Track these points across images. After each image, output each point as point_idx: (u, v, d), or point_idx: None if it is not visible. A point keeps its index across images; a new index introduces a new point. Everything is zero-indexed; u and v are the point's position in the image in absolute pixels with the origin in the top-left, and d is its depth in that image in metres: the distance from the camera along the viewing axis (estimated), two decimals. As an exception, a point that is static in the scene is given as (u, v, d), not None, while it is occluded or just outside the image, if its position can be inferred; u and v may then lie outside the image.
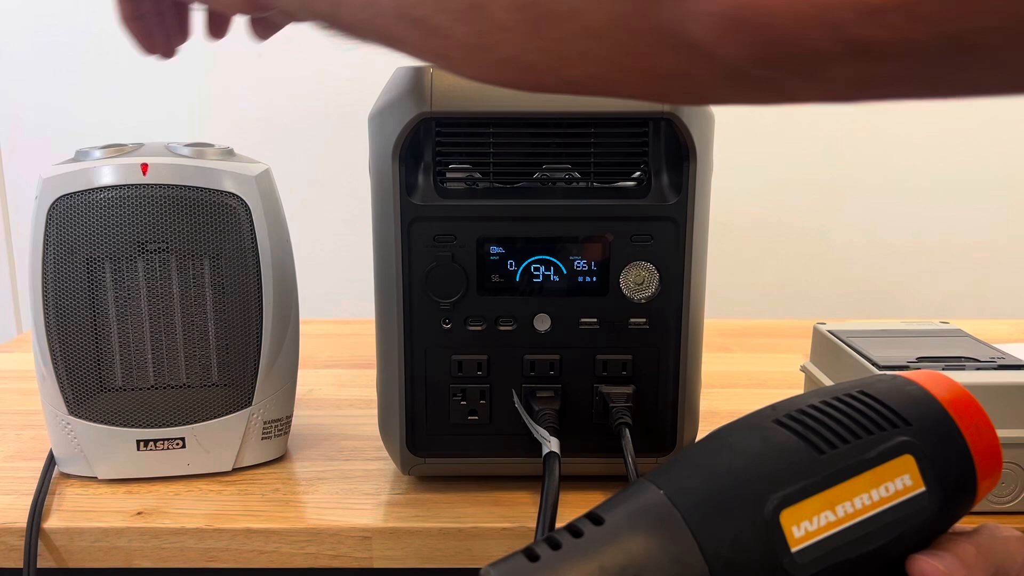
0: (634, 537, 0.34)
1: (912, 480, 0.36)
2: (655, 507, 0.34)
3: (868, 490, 0.35)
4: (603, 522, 0.34)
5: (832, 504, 0.35)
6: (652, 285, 0.61)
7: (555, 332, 0.61)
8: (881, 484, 0.35)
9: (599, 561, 0.33)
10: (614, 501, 0.36)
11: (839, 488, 0.35)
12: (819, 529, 0.34)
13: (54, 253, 0.62)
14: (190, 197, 0.63)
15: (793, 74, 0.25)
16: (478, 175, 0.61)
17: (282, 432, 0.70)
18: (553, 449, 0.58)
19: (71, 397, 0.64)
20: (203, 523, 0.60)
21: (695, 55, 0.26)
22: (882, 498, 0.35)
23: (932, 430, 0.37)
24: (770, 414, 0.38)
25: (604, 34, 0.27)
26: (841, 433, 0.36)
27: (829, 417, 0.37)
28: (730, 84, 0.27)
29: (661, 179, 0.60)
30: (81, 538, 0.60)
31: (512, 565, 0.34)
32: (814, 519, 0.34)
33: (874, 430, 0.36)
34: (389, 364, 0.62)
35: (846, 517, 0.35)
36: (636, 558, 0.33)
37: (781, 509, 0.34)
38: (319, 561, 0.60)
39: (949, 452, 0.37)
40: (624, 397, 0.61)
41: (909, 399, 0.38)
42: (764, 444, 0.36)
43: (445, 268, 0.60)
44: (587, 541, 0.34)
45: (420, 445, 0.63)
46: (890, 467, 0.36)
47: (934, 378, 0.39)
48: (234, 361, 0.66)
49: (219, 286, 0.65)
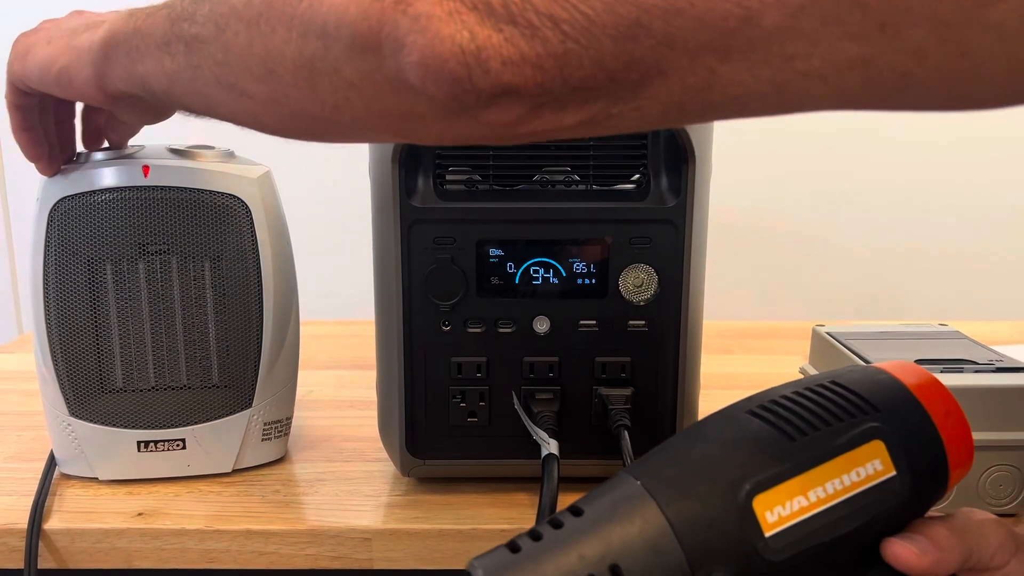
0: (612, 526, 0.35)
1: (883, 465, 0.37)
2: (632, 496, 0.35)
3: (839, 475, 0.36)
4: (582, 513, 0.36)
5: (804, 489, 0.36)
6: (651, 287, 0.61)
7: (554, 334, 0.62)
8: (852, 469, 0.36)
9: (579, 550, 0.34)
10: (594, 494, 0.37)
11: (811, 474, 0.36)
12: (792, 514, 0.35)
13: (55, 255, 0.63)
14: (191, 199, 0.63)
15: (477, 105, 0.34)
16: (477, 178, 0.61)
17: (282, 433, 0.70)
18: (552, 451, 0.58)
19: (72, 398, 0.65)
20: (203, 524, 0.61)
21: (415, 95, 0.35)
22: (853, 483, 0.36)
23: (901, 416, 0.38)
24: (744, 405, 0.39)
25: (358, 85, 0.36)
26: (812, 421, 0.37)
27: (800, 407, 0.38)
28: (448, 117, 0.35)
29: (660, 182, 0.60)
30: (82, 539, 0.61)
31: (495, 558, 0.35)
32: (787, 504, 0.35)
33: (844, 417, 0.37)
34: (389, 366, 0.62)
35: (818, 502, 0.36)
36: (614, 546, 0.34)
37: (754, 495, 0.35)
38: (319, 562, 0.61)
39: (919, 437, 0.38)
40: (623, 399, 0.62)
41: (879, 387, 0.39)
42: (737, 433, 0.37)
43: (445, 270, 0.60)
44: (567, 532, 0.35)
45: (420, 447, 0.63)
46: (860, 452, 0.37)
47: (904, 367, 0.40)
48: (234, 362, 0.66)
49: (220, 288, 0.65)
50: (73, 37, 0.53)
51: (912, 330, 0.76)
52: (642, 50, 0.31)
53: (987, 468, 0.59)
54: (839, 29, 0.28)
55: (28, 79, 0.56)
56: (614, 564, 0.34)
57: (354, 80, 0.36)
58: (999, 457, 0.59)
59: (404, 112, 0.36)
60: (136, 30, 0.48)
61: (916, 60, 0.28)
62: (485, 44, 0.32)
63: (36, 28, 0.58)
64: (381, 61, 0.35)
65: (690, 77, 0.32)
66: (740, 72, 0.31)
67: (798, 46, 0.29)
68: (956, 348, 0.70)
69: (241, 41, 0.40)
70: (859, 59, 0.29)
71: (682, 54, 0.31)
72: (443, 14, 0.33)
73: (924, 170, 1.31)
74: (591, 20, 0.31)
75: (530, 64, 0.32)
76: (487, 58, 0.32)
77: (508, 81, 0.33)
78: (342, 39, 0.35)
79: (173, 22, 0.44)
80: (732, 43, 0.30)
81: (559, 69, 0.32)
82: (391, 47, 0.34)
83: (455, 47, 0.33)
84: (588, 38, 0.31)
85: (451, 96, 0.34)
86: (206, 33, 0.42)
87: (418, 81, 0.34)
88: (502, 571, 0.34)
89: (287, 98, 0.39)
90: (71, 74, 0.53)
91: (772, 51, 0.30)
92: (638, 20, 0.31)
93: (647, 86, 0.32)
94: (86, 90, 0.53)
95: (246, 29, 0.39)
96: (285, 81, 0.39)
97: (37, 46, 0.56)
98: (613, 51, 0.31)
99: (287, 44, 0.38)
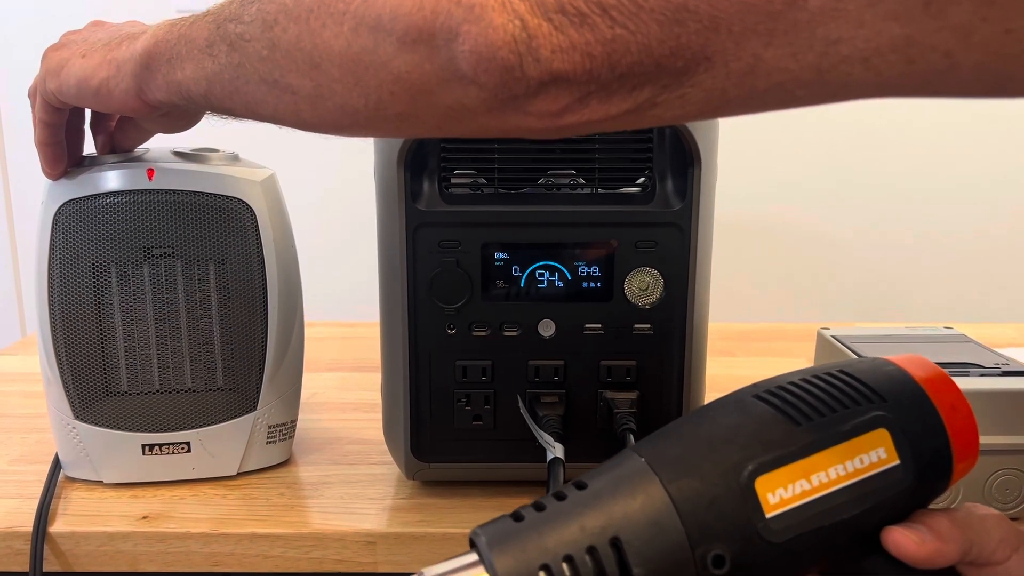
0: (615, 500, 0.35)
1: (887, 453, 0.37)
2: (636, 473, 0.36)
3: (843, 461, 0.37)
4: (586, 487, 0.36)
5: (807, 473, 0.36)
6: (656, 291, 0.61)
7: (559, 338, 0.61)
8: (855, 456, 0.37)
9: (580, 522, 0.35)
10: (598, 469, 0.37)
11: (814, 458, 0.36)
12: (794, 497, 0.36)
13: (60, 258, 0.63)
14: (196, 202, 0.63)
15: (526, 94, 0.35)
16: (483, 181, 0.61)
17: (287, 436, 0.70)
18: (557, 455, 0.58)
19: (77, 401, 0.65)
20: (208, 527, 0.61)
21: (465, 85, 0.36)
22: (856, 469, 0.37)
23: (907, 406, 0.38)
24: (751, 390, 0.39)
25: (405, 78, 0.37)
26: (817, 407, 0.37)
27: (807, 392, 0.38)
28: (495, 109, 0.36)
29: (665, 185, 0.60)
30: (87, 542, 0.61)
31: (498, 526, 0.36)
32: (789, 487, 0.36)
33: (850, 405, 0.38)
34: (394, 369, 0.62)
35: (820, 486, 0.36)
36: (616, 519, 0.35)
37: (756, 476, 0.35)
38: (324, 566, 0.61)
39: (924, 428, 0.38)
40: (628, 403, 0.61)
41: (886, 377, 0.39)
42: (742, 416, 0.38)
43: (450, 274, 0.60)
44: (570, 503, 0.36)
45: (424, 450, 0.63)
46: (865, 440, 0.37)
47: (913, 359, 0.40)
48: (239, 365, 0.66)
49: (224, 291, 0.65)
50: (110, 50, 0.53)
51: (917, 333, 0.76)
52: (688, 34, 0.32)
53: (993, 472, 0.59)
54: (883, 8, 0.28)
55: (64, 94, 0.56)
56: (615, 537, 0.34)
57: (402, 73, 0.37)
58: (1005, 461, 0.59)
59: (451, 104, 0.37)
60: (180, 36, 0.48)
61: (959, 39, 0.28)
62: (536, 32, 0.33)
63: (62, 43, 0.57)
64: (433, 52, 0.36)
65: (734, 63, 0.32)
66: (784, 58, 0.31)
67: (842, 28, 0.29)
68: (962, 351, 0.69)
69: (288, 36, 0.40)
70: (902, 40, 0.29)
71: (727, 38, 0.31)
72: (496, 4, 0.34)
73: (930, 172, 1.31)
74: (639, 5, 0.32)
75: (579, 51, 0.33)
76: (538, 46, 0.33)
77: (557, 68, 0.34)
78: (396, 31, 0.36)
79: (219, 24, 0.45)
80: (777, 26, 0.30)
81: (607, 56, 0.33)
82: (444, 37, 0.35)
83: (507, 36, 0.34)
84: (636, 23, 0.32)
85: (501, 84, 0.35)
86: (252, 31, 0.42)
87: (470, 70, 0.35)
88: (504, 539, 0.35)
89: (332, 93, 0.40)
90: (110, 87, 0.52)
91: (816, 34, 0.30)
92: (684, 4, 0.31)
93: (692, 73, 0.33)
94: (126, 101, 0.52)
95: (294, 25, 0.40)
96: (331, 76, 0.39)
97: (71, 61, 0.55)
98: (659, 36, 0.32)
99: (336, 38, 0.38)
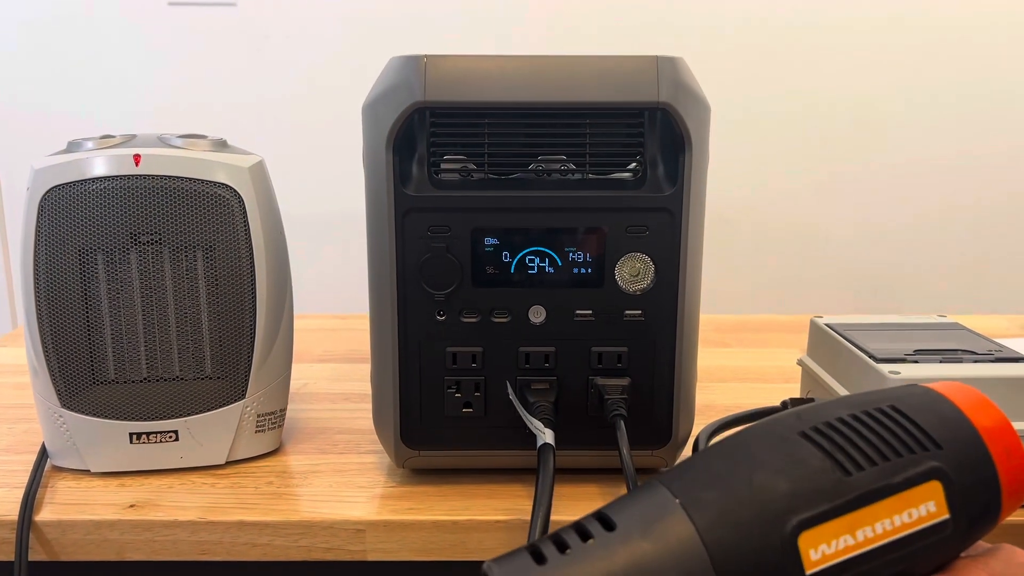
0: (645, 547, 0.32)
1: (937, 507, 0.35)
2: (669, 518, 0.33)
3: (891, 515, 0.34)
4: (614, 526, 0.33)
5: (853, 528, 0.33)
6: (647, 276, 0.60)
7: (550, 324, 0.61)
8: (905, 510, 0.34)
9: (608, 569, 0.32)
10: (625, 503, 0.34)
11: (862, 512, 0.34)
12: (836, 552, 0.33)
13: (46, 244, 0.62)
14: (183, 188, 0.63)
15: None
16: (472, 166, 0.61)
17: (276, 425, 0.70)
18: (548, 441, 0.57)
19: (63, 389, 0.64)
20: (196, 516, 0.60)
21: None
22: (904, 523, 0.34)
23: (963, 456, 0.35)
24: (795, 424, 0.36)
25: None
26: (868, 454, 0.35)
27: (857, 434, 0.35)
28: None
29: (657, 170, 0.60)
30: (73, 531, 0.60)
31: (517, 565, 0.32)
32: (832, 543, 0.33)
33: (903, 452, 0.35)
34: (383, 356, 0.62)
35: (865, 542, 0.34)
36: (647, 571, 0.32)
37: (800, 531, 0.33)
38: (312, 554, 0.60)
39: (978, 480, 0.36)
40: (619, 389, 0.61)
41: (940, 419, 0.36)
42: (788, 459, 0.35)
43: (439, 259, 0.60)
44: (597, 547, 0.32)
45: (414, 438, 0.63)
46: (916, 493, 0.34)
47: (967, 395, 0.38)
48: (228, 353, 0.66)
49: (212, 278, 0.64)
50: None
51: (911, 321, 0.75)
52: None
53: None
54: None
55: None
56: None
57: None
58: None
59: None
60: None
61: None
62: None
63: None
64: None
65: None
66: None
67: None
68: (955, 339, 0.69)
69: None
70: None
71: None
72: None
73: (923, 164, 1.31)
74: None
75: None
76: None
77: None
78: None
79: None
80: None
81: None
82: None
83: None
84: None
85: None
86: None
87: None
88: None
89: None
90: None
91: None
92: None
93: None
94: None
95: None
96: None
97: None
98: None
99: None
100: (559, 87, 0.57)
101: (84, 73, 1.25)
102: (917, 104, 1.27)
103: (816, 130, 1.29)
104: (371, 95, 0.59)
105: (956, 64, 1.27)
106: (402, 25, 1.24)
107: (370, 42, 1.23)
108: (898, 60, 1.27)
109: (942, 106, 1.28)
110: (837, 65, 1.26)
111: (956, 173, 1.31)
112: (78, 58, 1.24)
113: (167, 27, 1.23)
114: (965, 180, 1.31)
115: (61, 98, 1.26)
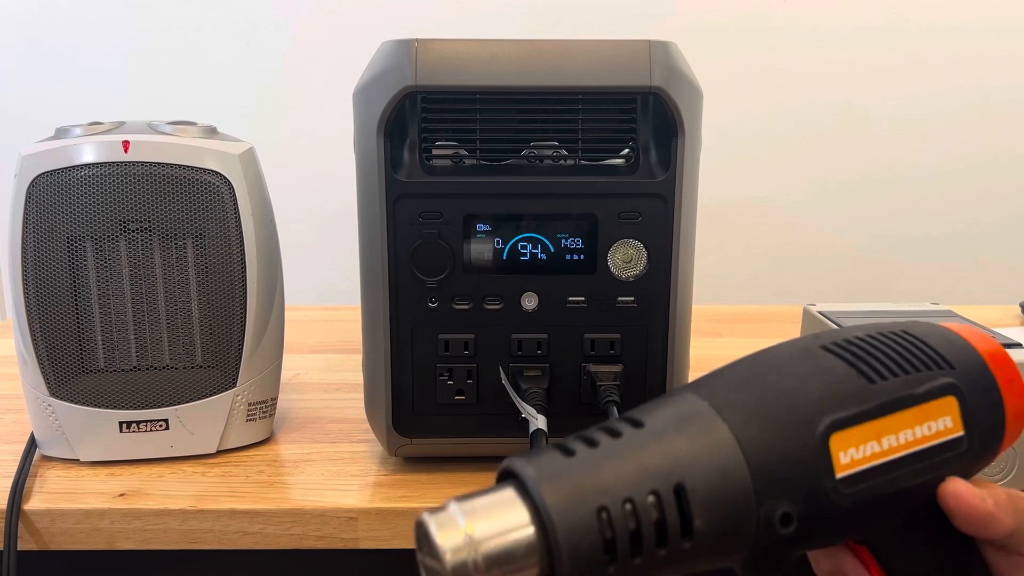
0: (679, 442, 0.32)
1: (953, 423, 0.36)
2: (701, 415, 0.33)
3: (913, 426, 0.35)
4: (643, 424, 0.33)
5: (879, 435, 0.35)
6: (640, 263, 0.60)
7: (542, 311, 0.61)
8: (925, 422, 0.36)
9: (641, 461, 0.31)
10: (653, 407, 0.34)
11: (887, 419, 0.35)
12: (864, 458, 0.34)
13: (34, 232, 0.61)
14: (172, 175, 0.62)
15: None
16: (464, 152, 0.60)
17: (267, 414, 0.69)
18: (540, 426, 0.57)
19: (52, 379, 0.63)
20: (186, 504, 0.60)
21: None
22: (924, 436, 0.36)
23: (973, 377, 0.37)
24: (814, 341, 0.37)
25: None
26: (890, 366, 0.36)
27: (877, 349, 0.37)
28: None
29: (649, 156, 0.60)
30: (63, 520, 0.59)
31: (545, 459, 0.31)
32: (860, 448, 0.34)
33: (921, 368, 0.36)
34: (375, 343, 0.61)
35: (890, 450, 0.35)
36: (681, 463, 0.31)
37: (831, 432, 0.34)
38: (304, 542, 0.60)
39: (986, 401, 0.37)
40: (612, 376, 0.61)
41: (951, 345, 0.38)
42: (814, 367, 0.36)
43: (431, 246, 0.59)
44: (627, 441, 0.32)
45: (406, 425, 0.62)
46: (935, 406, 0.36)
47: (973, 332, 0.39)
48: (218, 342, 0.65)
49: (203, 266, 0.64)
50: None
51: (904, 308, 0.75)
52: None
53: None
54: None
55: None
56: (679, 483, 0.31)
57: None
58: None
59: None
60: None
61: None
62: None
63: None
64: None
65: None
66: None
67: None
68: (948, 325, 0.69)
69: None
70: None
71: None
72: None
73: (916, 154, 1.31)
74: None
75: None
76: None
77: None
78: None
79: None
80: None
81: None
82: None
83: None
84: None
85: None
86: None
87: None
88: (556, 474, 0.30)
89: None
90: None
91: None
92: None
93: None
94: None
95: None
96: None
97: None
98: None
99: None
100: (551, 71, 0.57)
101: (72, 59, 1.24)
102: (913, 98, 1.27)
103: (809, 123, 1.29)
104: (362, 80, 0.58)
105: (954, 42, 1.27)
106: (393, 12, 1.23)
107: (361, 27, 1.23)
108: (894, 46, 1.26)
109: (938, 99, 1.28)
110: (834, 51, 1.26)
111: (951, 167, 1.31)
112: (67, 44, 1.24)
113: (156, 15, 1.22)
114: (961, 175, 1.31)
115: (50, 84, 1.25)
